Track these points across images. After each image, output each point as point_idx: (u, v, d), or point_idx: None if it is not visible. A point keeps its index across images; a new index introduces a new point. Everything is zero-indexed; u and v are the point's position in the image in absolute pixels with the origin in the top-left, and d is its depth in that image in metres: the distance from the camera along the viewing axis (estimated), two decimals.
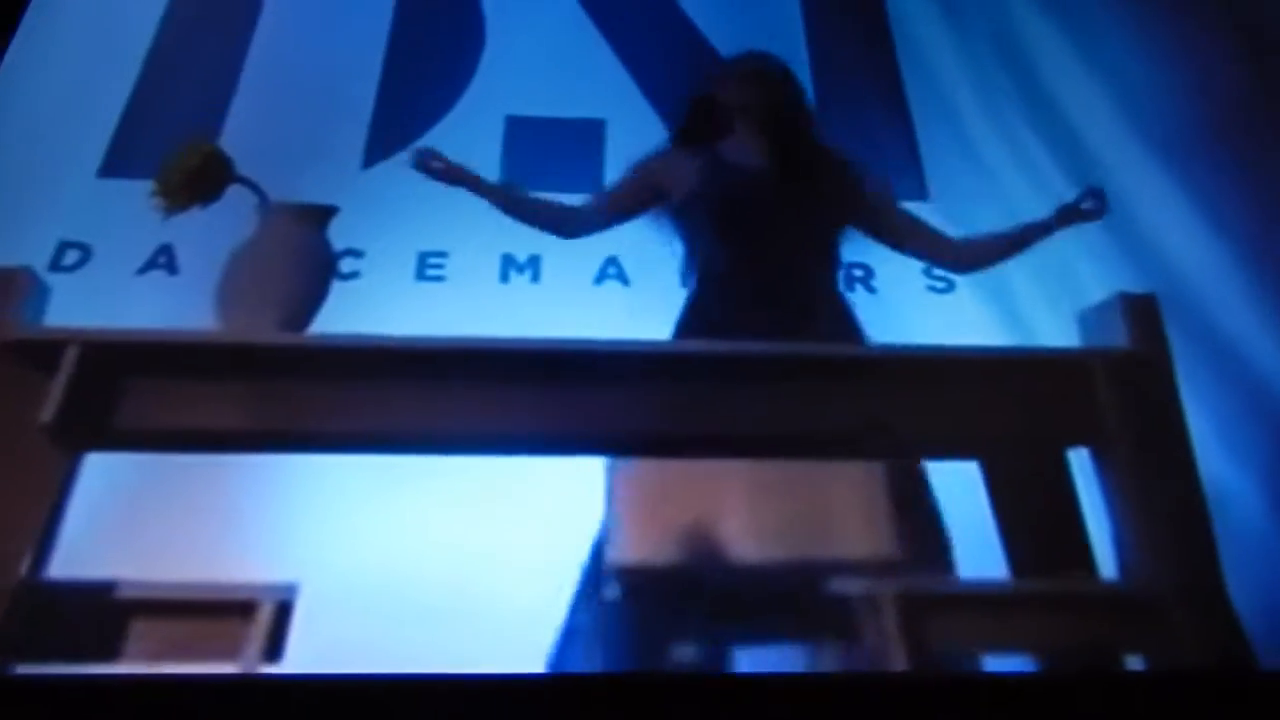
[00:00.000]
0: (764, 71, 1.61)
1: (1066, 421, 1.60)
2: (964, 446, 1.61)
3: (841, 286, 1.63)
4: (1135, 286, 1.90)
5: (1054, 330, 1.86)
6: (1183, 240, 2.01)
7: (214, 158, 1.21)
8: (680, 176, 1.58)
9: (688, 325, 1.57)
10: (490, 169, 2.13)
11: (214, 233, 1.21)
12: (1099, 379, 1.59)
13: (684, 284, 1.61)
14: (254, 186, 1.22)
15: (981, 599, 1.48)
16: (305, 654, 1.05)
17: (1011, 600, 1.48)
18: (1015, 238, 1.58)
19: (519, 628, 1.48)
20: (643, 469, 1.64)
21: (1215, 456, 1.67)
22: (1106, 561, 1.59)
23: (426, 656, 1.30)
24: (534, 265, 1.97)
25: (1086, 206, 1.56)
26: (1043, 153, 2.14)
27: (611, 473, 1.60)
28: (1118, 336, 1.74)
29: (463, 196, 1.65)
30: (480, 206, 1.69)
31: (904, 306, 1.90)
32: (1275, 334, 1.81)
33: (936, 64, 2.31)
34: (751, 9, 2.44)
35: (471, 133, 2.21)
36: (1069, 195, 1.66)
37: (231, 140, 1.63)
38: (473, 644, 1.38)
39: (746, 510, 1.59)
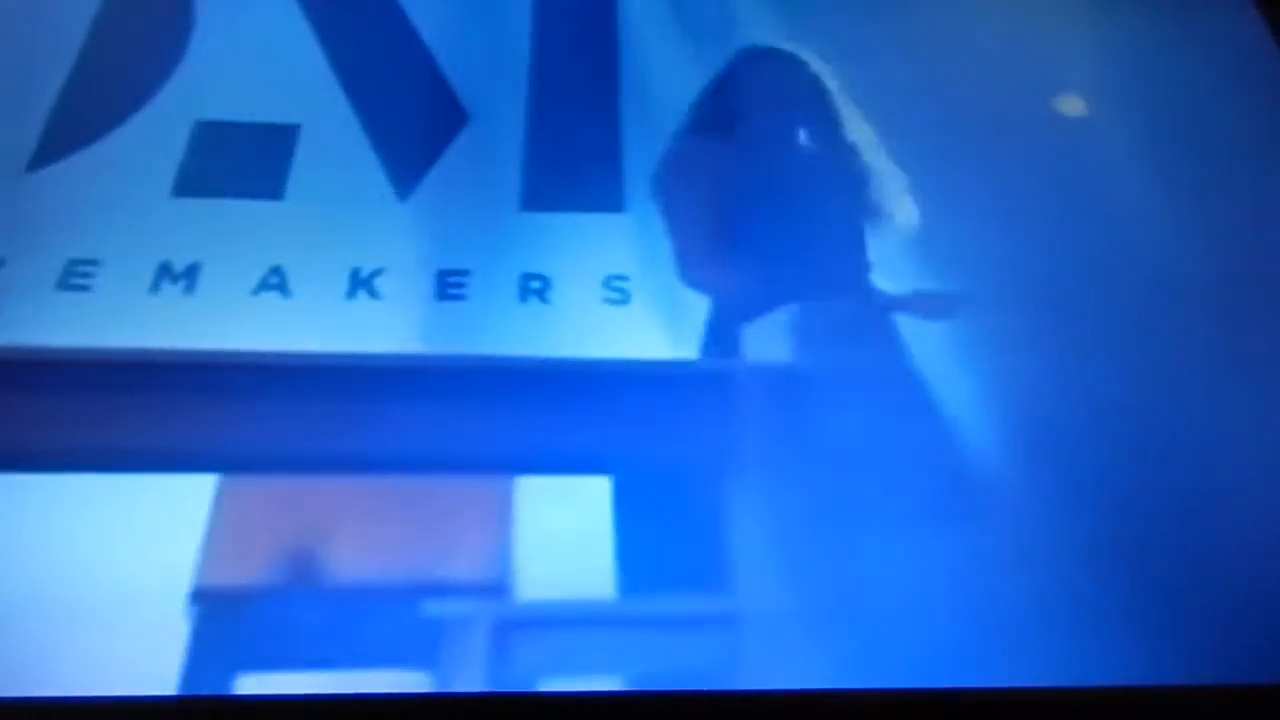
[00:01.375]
0: None
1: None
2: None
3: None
4: None
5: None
6: None
7: None
8: None
9: None
10: (167, 176, 2.03)
11: None
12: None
13: None
14: None
15: (577, 620, 1.42)
16: None
17: (610, 620, 1.42)
18: None
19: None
20: (252, 486, 1.54)
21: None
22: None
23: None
24: (190, 275, 1.85)
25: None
26: None
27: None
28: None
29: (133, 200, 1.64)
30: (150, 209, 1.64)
31: (580, 319, 1.84)
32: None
33: (658, 83, 2.27)
34: (478, 15, 2.38)
35: (154, 138, 2.09)
36: None
37: None
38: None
39: (360, 529, 1.50)
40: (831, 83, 2.08)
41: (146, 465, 1.57)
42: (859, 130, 2.05)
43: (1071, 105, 2.24)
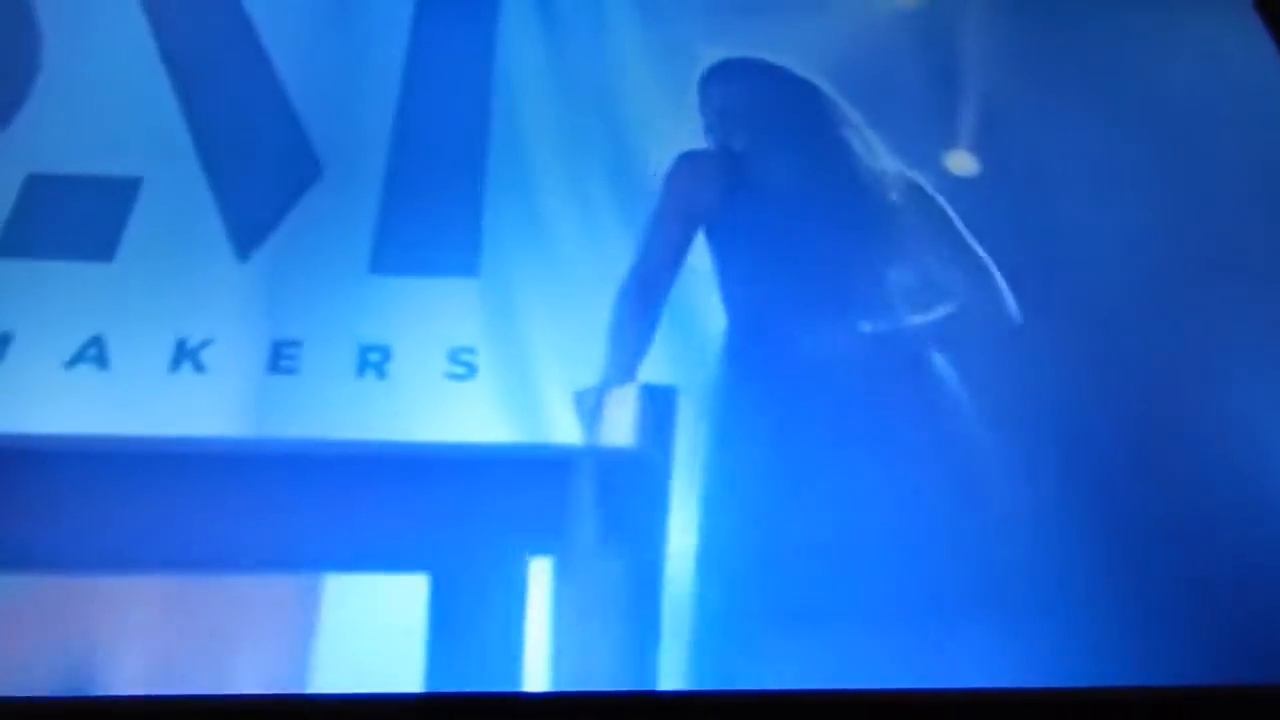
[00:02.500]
0: None
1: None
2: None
3: None
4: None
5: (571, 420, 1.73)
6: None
7: None
8: None
9: None
10: None
11: None
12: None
13: None
14: None
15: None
16: None
17: None
18: None
19: None
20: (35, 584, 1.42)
21: None
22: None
23: None
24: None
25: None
26: (614, 231, 2.02)
27: None
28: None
29: None
30: None
31: (420, 394, 1.74)
32: None
33: (530, 146, 2.17)
34: (346, 66, 2.27)
35: None
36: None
37: None
38: None
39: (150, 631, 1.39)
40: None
41: None
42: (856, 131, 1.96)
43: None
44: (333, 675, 1.39)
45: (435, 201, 2.04)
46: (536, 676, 1.42)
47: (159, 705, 1.34)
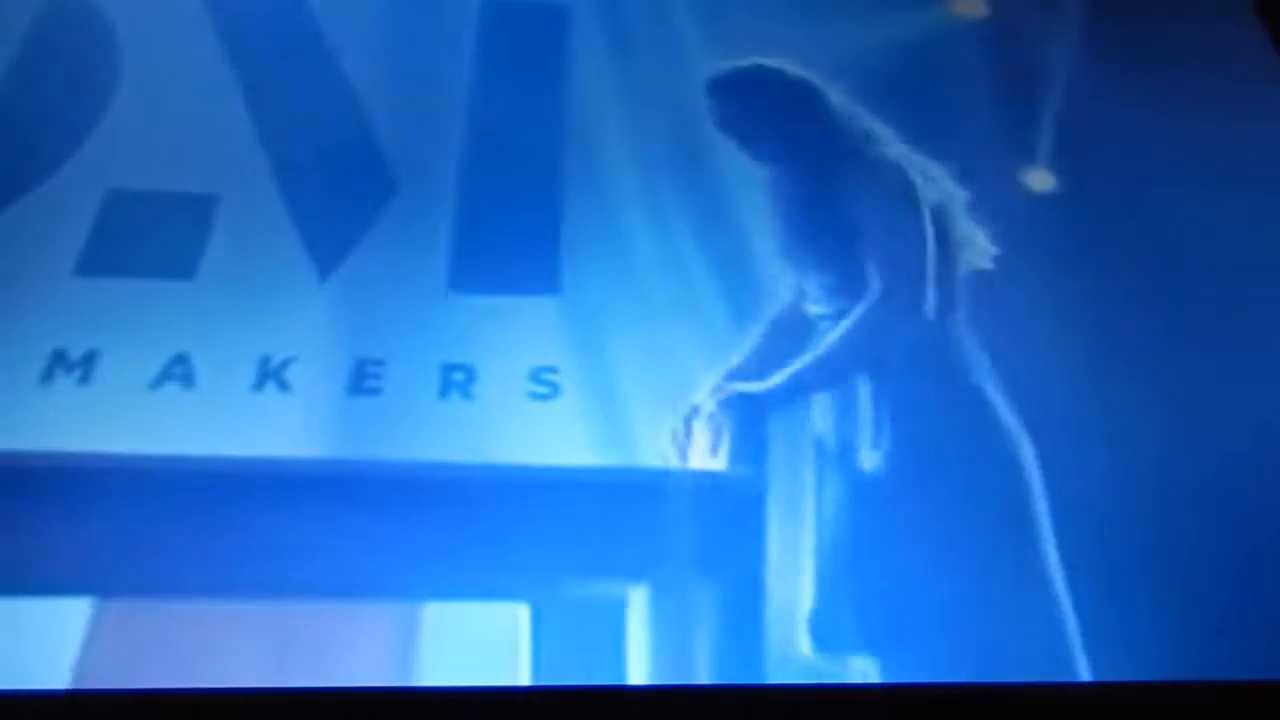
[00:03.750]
0: None
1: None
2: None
3: None
4: None
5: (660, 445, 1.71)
6: None
7: None
8: None
9: None
10: (71, 252, 1.90)
11: None
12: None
13: None
14: None
15: None
16: None
17: None
18: None
19: None
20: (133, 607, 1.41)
21: None
22: None
23: None
24: (87, 364, 1.72)
25: None
26: (693, 248, 2.00)
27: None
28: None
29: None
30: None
31: (504, 415, 1.72)
32: None
33: (604, 157, 2.15)
34: (415, 81, 2.26)
35: (62, 206, 1.96)
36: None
37: None
38: None
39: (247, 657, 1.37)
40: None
41: (16, 584, 1.44)
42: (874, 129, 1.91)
43: None
44: None
45: (511, 218, 2.03)
46: None
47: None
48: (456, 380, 1.75)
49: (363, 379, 1.74)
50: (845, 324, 1.68)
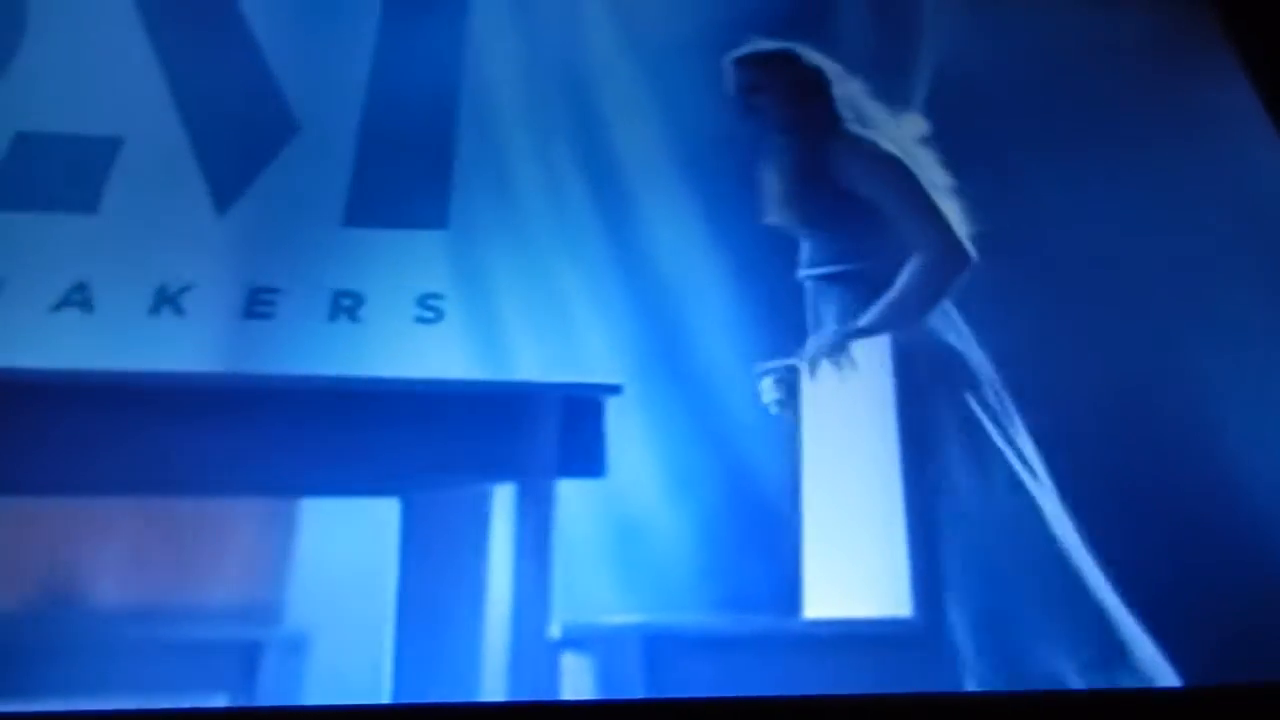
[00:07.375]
0: None
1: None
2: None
3: None
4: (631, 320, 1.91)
5: (536, 364, 1.83)
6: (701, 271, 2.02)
7: None
8: None
9: None
10: None
11: None
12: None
13: None
14: None
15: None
16: None
17: None
18: None
19: None
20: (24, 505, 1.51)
21: None
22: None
23: None
24: None
25: None
26: (580, 196, 2.11)
27: None
28: None
29: None
30: None
31: (390, 336, 1.83)
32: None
33: (498, 101, 2.25)
34: (320, 26, 2.35)
35: None
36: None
37: None
38: None
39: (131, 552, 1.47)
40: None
41: None
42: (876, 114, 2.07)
43: None
44: (308, 592, 1.48)
45: (406, 160, 2.12)
46: (500, 592, 1.52)
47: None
48: (345, 305, 1.85)
49: (255, 304, 1.84)
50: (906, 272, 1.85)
